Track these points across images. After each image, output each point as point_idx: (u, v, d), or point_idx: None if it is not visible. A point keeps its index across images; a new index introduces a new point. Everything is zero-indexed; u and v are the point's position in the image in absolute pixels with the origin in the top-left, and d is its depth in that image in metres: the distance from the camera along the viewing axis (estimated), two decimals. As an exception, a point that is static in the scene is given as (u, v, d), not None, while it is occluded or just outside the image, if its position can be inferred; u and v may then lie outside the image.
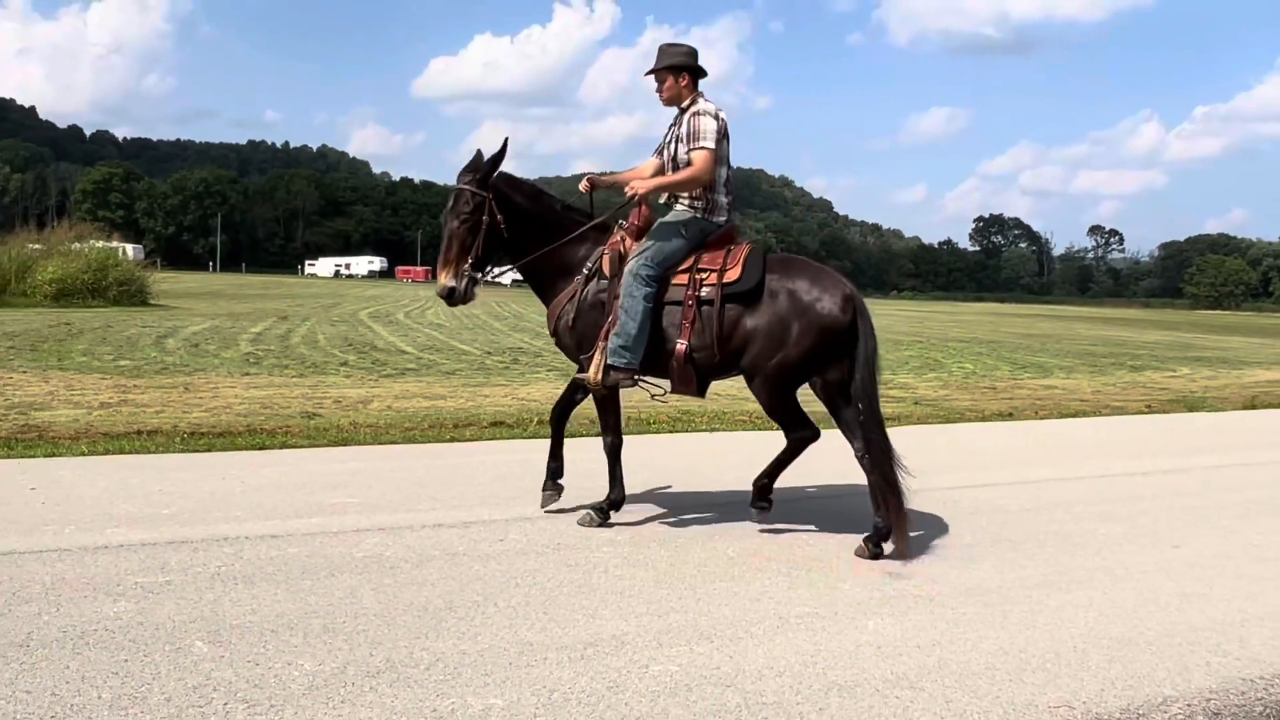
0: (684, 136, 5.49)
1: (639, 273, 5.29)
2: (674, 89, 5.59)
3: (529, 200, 5.60)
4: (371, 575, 4.47)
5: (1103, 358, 23.05)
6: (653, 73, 5.62)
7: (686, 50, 5.63)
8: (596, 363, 5.33)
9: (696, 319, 5.33)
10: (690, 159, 5.43)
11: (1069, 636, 4.11)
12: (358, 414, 9.35)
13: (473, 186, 5.38)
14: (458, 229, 5.38)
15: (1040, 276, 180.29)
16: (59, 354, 13.96)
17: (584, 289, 5.50)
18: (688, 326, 5.33)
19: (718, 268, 5.35)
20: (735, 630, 4.01)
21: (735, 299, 5.31)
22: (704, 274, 5.35)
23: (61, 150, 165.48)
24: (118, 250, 32.55)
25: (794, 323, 5.29)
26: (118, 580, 4.23)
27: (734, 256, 5.39)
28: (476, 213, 5.37)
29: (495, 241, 5.48)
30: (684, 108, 5.57)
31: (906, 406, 11.85)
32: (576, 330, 5.54)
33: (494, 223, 5.39)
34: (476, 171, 5.43)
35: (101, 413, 8.83)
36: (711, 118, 5.46)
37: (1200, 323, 63.93)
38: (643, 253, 5.37)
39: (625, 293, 5.29)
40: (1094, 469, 8.07)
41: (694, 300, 5.32)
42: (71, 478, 6.14)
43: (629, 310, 5.27)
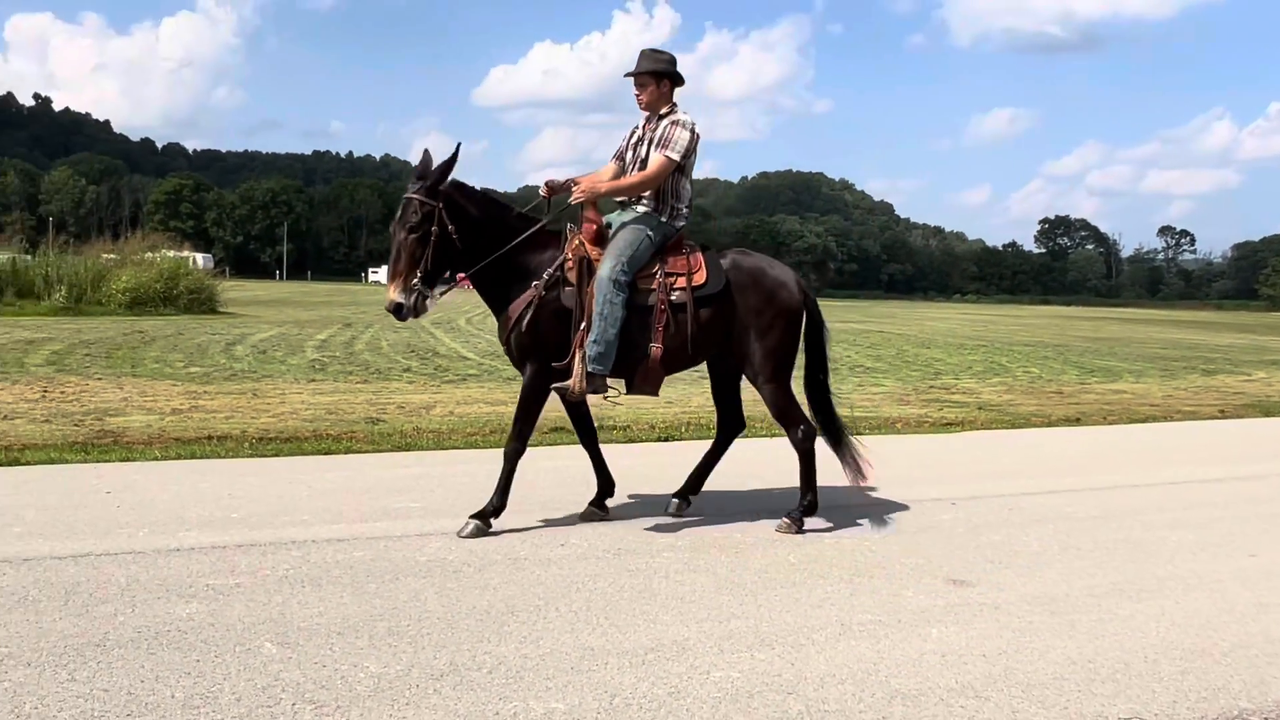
0: (657, 140, 5.56)
1: (617, 279, 5.29)
2: (654, 94, 5.64)
3: (480, 208, 5.44)
4: (435, 579, 4.53)
5: (1174, 361, 22.51)
6: (634, 76, 5.67)
7: (669, 58, 5.69)
8: (578, 371, 5.29)
9: (670, 323, 5.44)
10: (650, 161, 5.53)
11: (1140, 647, 4.03)
12: (420, 420, 9.47)
13: (421, 195, 5.17)
14: (406, 240, 5.16)
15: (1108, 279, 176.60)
16: (133, 361, 14.33)
17: (543, 296, 5.33)
18: (660, 330, 5.42)
19: (685, 272, 5.51)
20: (797, 637, 3.99)
21: (705, 301, 5.50)
22: (673, 278, 5.48)
23: (135, 163, 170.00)
24: (188, 259, 33.34)
25: (763, 312, 5.59)
26: (190, 582, 4.34)
27: (695, 261, 5.57)
28: (426, 222, 5.17)
29: (447, 252, 5.27)
30: (662, 114, 5.65)
31: (970, 411, 11.68)
32: (533, 338, 5.36)
33: (445, 233, 5.20)
34: (425, 179, 5.21)
35: (173, 418, 9.05)
36: (688, 131, 5.55)
37: (1276, 325, 62.12)
38: (617, 258, 5.34)
39: (604, 299, 5.26)
40: (1165, 475, 7.89)
41: (666, 304, 5.42)
42: (145, 482, 6.30)
43: (608, 317, 5.27)
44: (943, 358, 21.25)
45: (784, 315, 5.67)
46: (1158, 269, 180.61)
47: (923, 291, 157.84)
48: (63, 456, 7.01)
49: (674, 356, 5.54)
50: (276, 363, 15.00)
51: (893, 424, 10.44)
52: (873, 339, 27.33)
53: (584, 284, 5.33)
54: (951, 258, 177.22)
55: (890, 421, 10.58)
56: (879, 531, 5.77)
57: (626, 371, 5.54)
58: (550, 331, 5.36)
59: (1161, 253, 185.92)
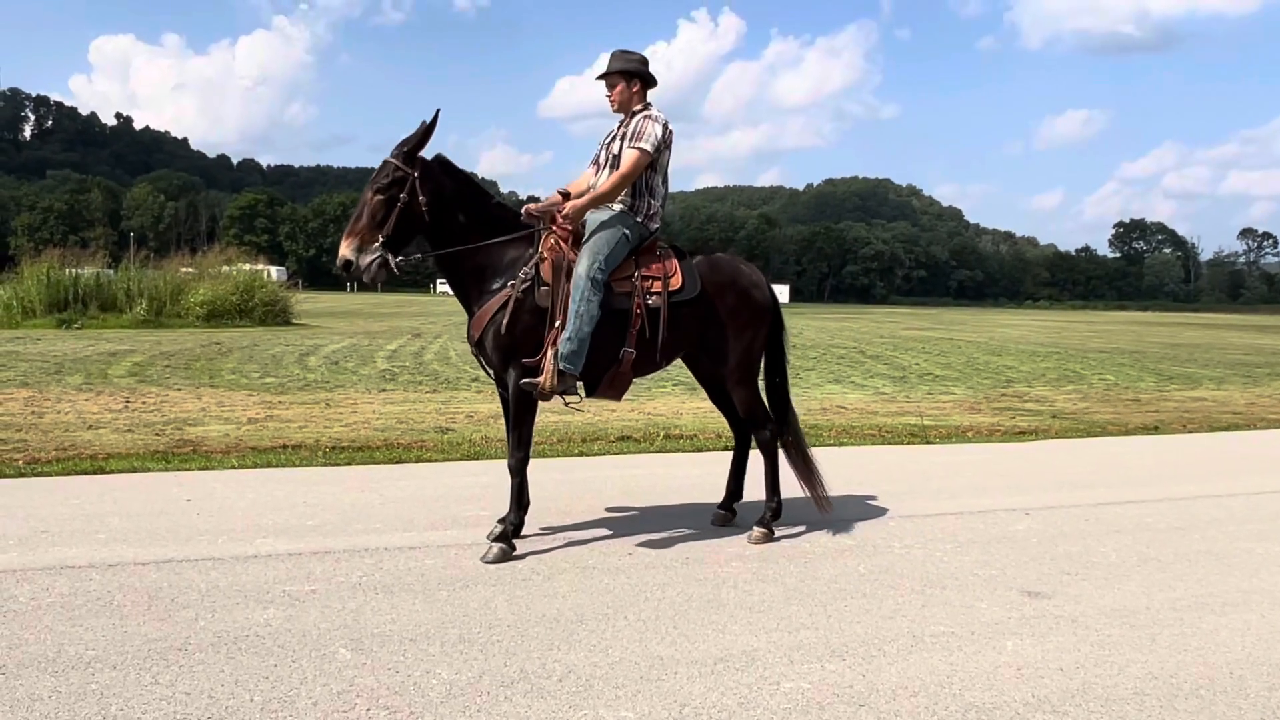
0: (630, 134, 5.45)
1: (594, 277, 5.17)
2: (625, 94, 5.54)
3: (458, 187, 5.31)
4: (505, 587, 4.57)
5: (1257, 367, 21.84)
6: (604, 77, 5.58)
7: (639, 58, 5.60)
8: (549, 369, 5.12)
9: (644, 328, 5.35)
10: (622, 159, 5.40)
11: (1224, 662, 3.91)
12: (489, 429, 9.56)
13: (398, 160, 5.10)
14: (371, 199, 5.07)
15: (1186, 283, 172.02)
16: (210, 372, 14.69)
17: (517, 297, 5.17)
18: (634, 334, 5.35)
19: (660, 276, 5.43)
20: (868, 648, 3.95)
21: (680, 306, 5.45)
22: (649, 281, 5.40)
23: (211, 179, 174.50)
24: (263, 272, 34.04)
25: (739, 314, 5.62)
26: (266, 588, 4.43)
27: (670, 265, 5.49)
28: (395, 187, 5.08)
29: (413, 223, 5.13)
30: (634, 112, 5.54)
31: (1044, 420, 11.46)
32: (511, 339, 5.20)
33: (414, 202, 5.08)
34: (404, 145, 5.14)
35: (250, 428, 9.25)
36: (659, 125, 5.43)
37: (1366, 329, 59.94)
38: (595, 256, 5.22)
39: (580, 297, 5.13)
40: (1248, 485, 7.65)
41: (641, 308, 5.34)
42: (223, 490, 6.45)
43: (583, 315, 5.13)
44: (1015, 365, 20.86)
45: (758, 316, 5.73)
46: (1239, 272, 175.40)
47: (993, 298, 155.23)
48: (145, 465, 7.21)
49: (644, 361, 5.47)
50: (348, 373, 15.26)
51: (964, 432, 10.28)
52: (942, 346, 26.95)
53: (559, 283, 5.19)
54: (1023, 263, 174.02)
55: (961, 430, 10.42)
56: (951, 542, 5.68)
57: (592, 375, 5.38)
58: (529, 332, 5.20)
59: (1242, 256, 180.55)
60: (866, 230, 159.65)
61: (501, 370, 5.34)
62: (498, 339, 5.20)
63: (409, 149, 5.12)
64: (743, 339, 5.66)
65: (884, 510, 6.42)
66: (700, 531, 5.73)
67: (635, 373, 5.52)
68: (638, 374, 5.57)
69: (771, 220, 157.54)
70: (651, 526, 5.80)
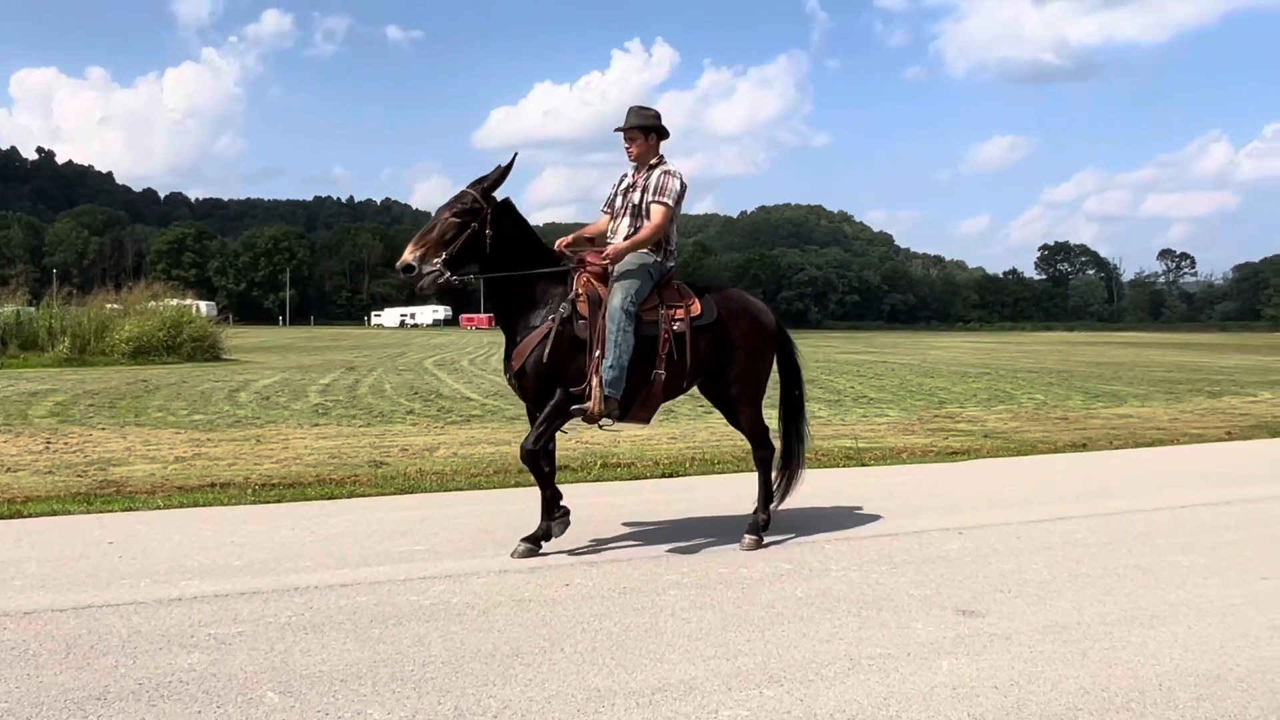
0: (650, 188, 6.03)
1: (627, 309, 5.70)
2: (643, 147, 6.12)
3: (517, 229, 5.85)
4: (439, 623, 4.49)
5: (1179, 384, 22.46)
6: (623, 131, 6.13)
7: (654, 113, 6.18)
8: (596, 395, 5.63)
9: (672, 351, 5.85)
10: (651, 211, 5.99)
11: (1154, 674, 3.97)
12: (424, 462, 9.44)
13: (477, 192, 5.65)
14: (447, 219, 5.59)
15: (1110, 303, 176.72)
16: (136, 410, 14.33)
17: (558, 330, 5.65)
18: (663, 358, 5.85)
19: (683, 304, 6.00)
20: (805, 673, 3.94)
21: (701, 331, 5.99)
22: (672, 310, 5.94)
23: (137, 213, 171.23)
24: (191, 308, 33.43)
25: (751, 339, 6.20)
26: (191, 632, 4.30)
27: (688, 295, 6.08)
28: (470, 215, 5.61)
29: (476, 249, 5.63)
30: (652, 164, 6.13)
31: (975, 439, 11.64)
32: (549, 369, 5.65)
33: (481, 233, 5.61)
34: (483, 182, 5.71)
35: (176, 466, 9.03)
36: (678, 180, 6.04)
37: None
38: (626, 291, 5.75)
39: (617, 328, 5.65)
40: (1173, 499, 7.83)
41: (669, 335, 5.86)
42: (147, 531, 6.27)
43: (621, 344, 5.65)
44: (947, 386, 21.20)
45: (769, 341, 6.35)
46: (1159, 292, 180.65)
47: (924, 320, 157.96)
48: (65, 508, 6.98)
49: (672, 383, 5.96)
50: (280, 408, 14.99)
51: (898, 454, 10.39)
52: (876, 369, 27.29)
53: (595, 316, 5.70)
54: (952, 286, 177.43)
55: (895, 451, 10.53)
56: (887, 563, 5.71)
57: (624, 399, 5.78)
58: (567, 361, 5.67)
59: (1162, 276, 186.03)
60: (800, 256, 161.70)
61: (539, 397, 5.79)
62: (538, 367, 5.68)
63: (487, 186, 5.70)
64: (753, 362, 6.26)
65: (821, 533, 6.44)
66: (638, 560, 5.69)
67: (667, 395, 6.05)
68: (667, 396, 6.08)
69: (707, 248, 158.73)
70: (589, 556, 5.76)
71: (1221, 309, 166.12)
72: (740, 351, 6.16)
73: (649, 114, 6.15)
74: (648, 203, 6.01)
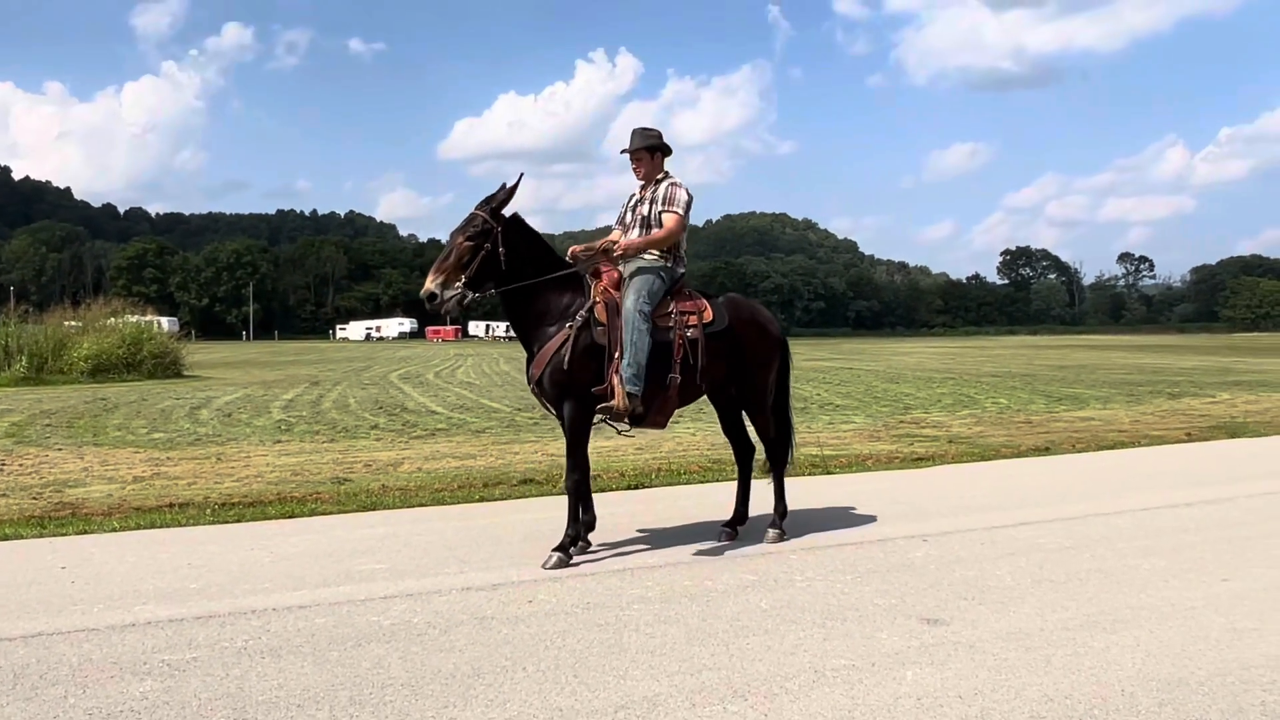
0: (659, 199, 6.31)
1: (642, 309, 5.94)
2: (649, 165, 6.42)
3: (529, 244, 6.05)
4: (399, 643, 4.42)
5: (1140, 386, 22.72)
6: (629, 152, 6.41)
7: (656, 133, 6.47)
8: (619, 392, 5.81)
9: (686, 355, 6.08)
10: (663, 220, 6.25)
11: (1116, 680, 3.98)
12: (388, 477, 9.35)
13: (486, 213, 5.85)
14: (461, 244, 5.80)
15: (1071, 307, 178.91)
16: (94, 430, 14.10)
17: (575, 336, 5.85)
18: (678, 362, 6.07)
19: (696, 310, 6.22)
20: (770, 686, 3.91)
21: (714, 336, 6.24)
22: (686, 316, 6.16)
23: (97, 229, 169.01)
24: (152, 324, 32.99)
25: (759, 346, 6.52)
26: (144, 659, 4.20)
27: (700, 302, 6.31)
28: (482, 237, 5.81)
29: (491, 268, 5.85)
30: (658, 180, 6.40)
31: (941, 445, 11.69)
32: (570, 373, 5.84)
33: (495, 252, 5.82)
34: (491, 202, 5.89)
35: (134, 487, 8.88)
36: (685, 191, 6.34)
37: (1238, 346, 63.01)
38: (639, 293, 5.98)
39: (633, 327, 5.88)
40: (1135, 502, 7.89)
41: (683, 339, 6.08)
42: (102, 555, 6.14)
43: (638, 343, 5.87)
44: (912, 392, 21.32)
45: (775, 349, 6.67)
46: (1119, 295, 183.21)
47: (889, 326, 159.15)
48: (17, 532, 6.83)
49: (687, 388, 6.20)
50: (242, 425, 14.81)
51: (864, 460, 10.41)
52: (841, 376, 27.42)
53: (613, 321, 5.94)
54: (917, 292, 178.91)
55: (861, 458, 10.55)
56: (851, 572, 5.70)
57: (643, 402, 5.97)
58: (585, 366, 5.87)
59: (1122, 279, 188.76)
60: (766, 264, 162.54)
61: (558, 402, 5.98)
62: (556, 374, 5.86)
63: (495, 206, 5.89)
64: (762, 369, 6.57)
65: (786, 543, 6.42)
66: (602, 574, 5.65)
67: (683, 400, 6.28)
68: (682, 401, 6.31)
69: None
70: (553, 571, 5.69)
71: (1180, 311, 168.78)
72: (750, 358, 6.45)
73: (652, 134, 6.44)
74: (658, 213, 6.29)
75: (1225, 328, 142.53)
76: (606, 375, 5.85)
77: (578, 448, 6.00)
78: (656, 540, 6.56)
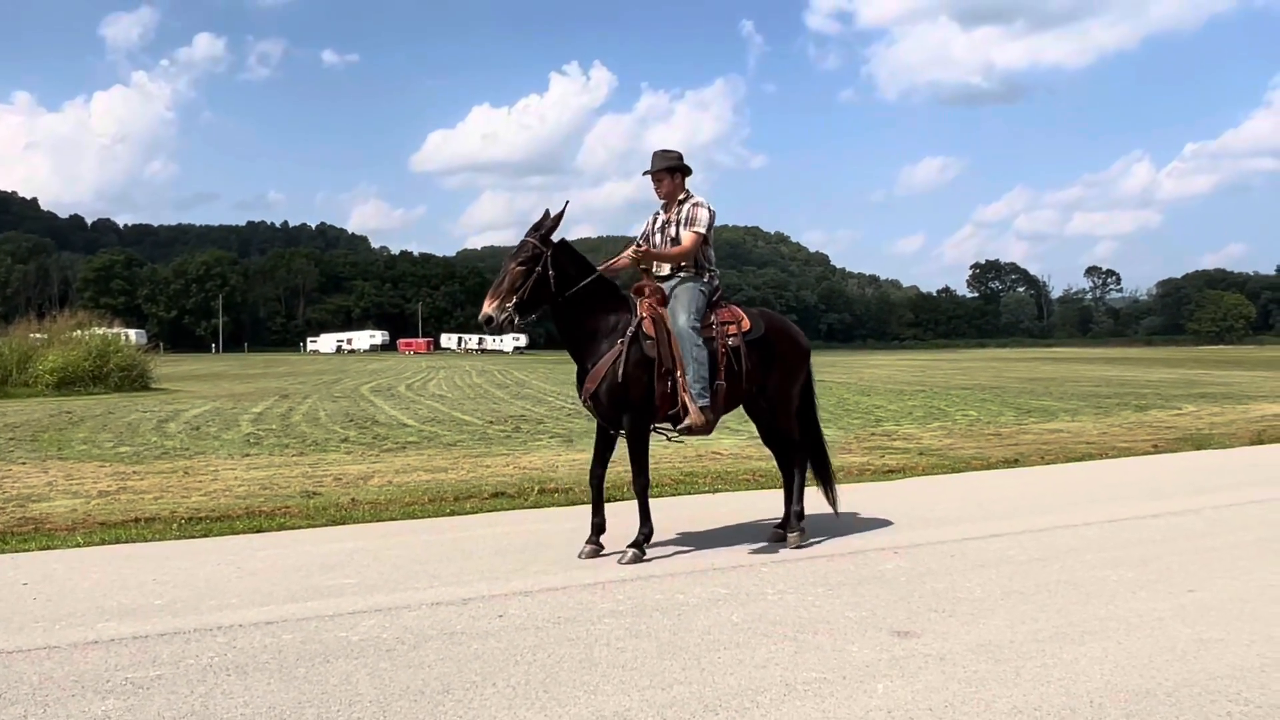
0: (683, 220, 6.62)
1: (694, 325, 6.33)
2: (670, 185, 6.69)
3: (578, 267, 6.40)
4: (367, 659, 4.37)
5: (1107, 398, 22.94)
6: (651, 174, 6.68)
7: (676, 155, 6.72)
8: (693, 409, 6.22)
9: (731, 363, 6.43)
10: (683, 238, 6.56)
11: (1084, 691, 4.00)
12: (358, 491, 9.27)
13: (536, 240, 6.20)
14: (514, 269, 6.14)
15: (1040, 320, 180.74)
16: (59, 443, 13.91)
17: (628, 352, 6.21)
18: (722, 369, 6.39)
19: (735, 320, 6.57)
20: (741, 700, 3.90)
21: (753, 345, 6.58)
22: (726, 326, 6.52)
23: (63, 240, 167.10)
24: (119, 336, 32.64)
25: (790, 355, 6.82)
26: (107, 677, 4.14)
27: (736, 312, 6.64)
28: (533, 261, 6.16)
29: (542, 291, 6.20)
30: (680, 199, 6.69)
31: (911, 457, 11.74)
32: (622, 388, 6.20)
33: (545, 275, 6.17)
34: (540, 229, 6.25)
35: (100, 501, 8.76)
36: (707, 210, 6.61)
37: (1203, 358, 63.83)
38: (688, 310, 6.35)
39: (690, 344, 6.25)
40: (1103, 513, 7.95)
41: (725, 349, 6.42)
42: (65, 571, 6.05)
43: (699, 359, 6.27)
44: (883, 404, 21.43)
45: (804, 359, 7.02)
46: (1087, 308, 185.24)
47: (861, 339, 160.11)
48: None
49: (732, 394, 6.52)
50: (210, 439, 14.67)
51: (835, 473, 10.41)
52: (814, 389, 27.51)
53: (661, 335, 6.28)
54: (888, 305, 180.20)
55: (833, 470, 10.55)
56: (823, 585, 5.71)
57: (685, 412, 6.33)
58: (638, 379, 6.22)
59: (1090, 292, 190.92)
60: (738, 277, 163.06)
61: (614, 414, 6.32)
62: (613, 389, 6.21)
63: (544, 232, 6.23)
64: (792, 376, 6.89)
65: (758, 556, 6.43)
66: (573, 588, 5.62)
67: (727, 406, 6.58)
68: (727, 408, 6.60)
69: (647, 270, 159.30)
70: (524, 585, 5.66)
71: (1147, 324, 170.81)
72: (782, 367, 6.77)
73: (672, 156, 6.69)
74: (680, 233, 6.61)
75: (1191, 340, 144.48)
76: (656, 388, 6.23)
77: (640, 455, 6.35)
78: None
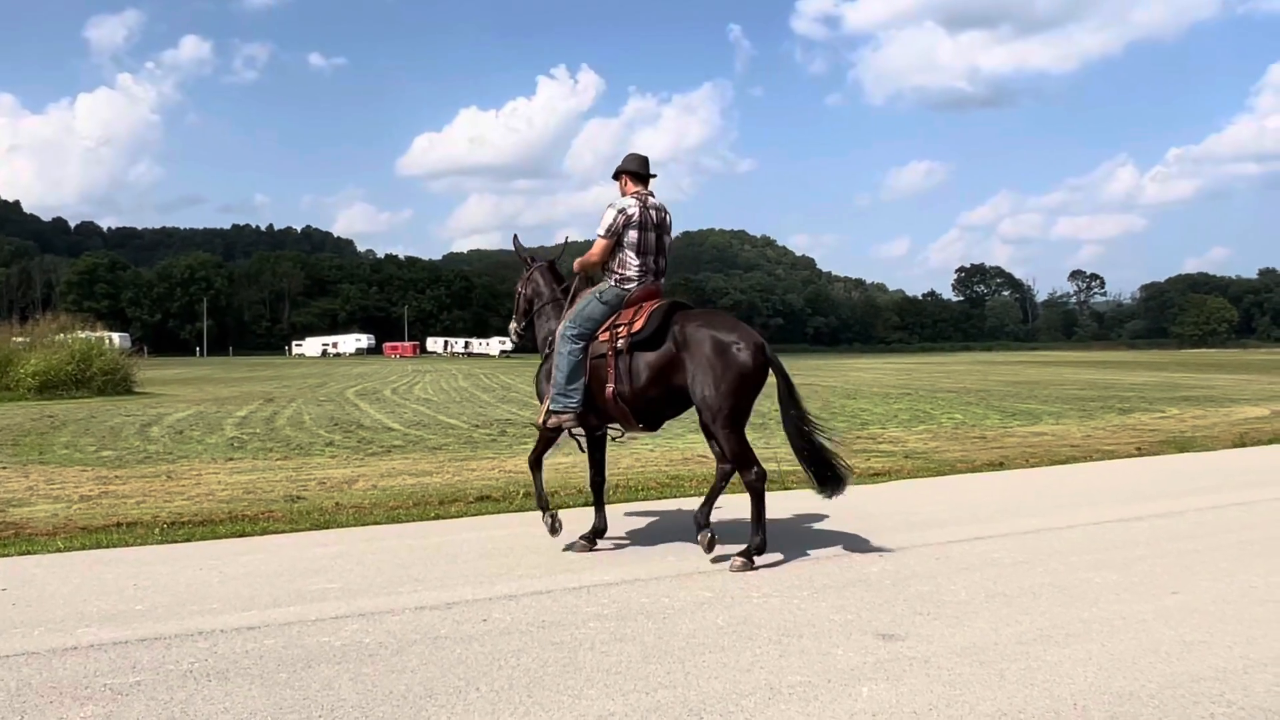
0: None
1: (564, 333, 6.54)
2: (620, 188, 6.85)
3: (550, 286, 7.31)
4: (350, 664, 4.34)
5: (1091, 401, 23.04)
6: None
7: (627, 156, 6.91)
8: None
9: (618, 365, 6.35)
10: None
11: (1068, 693, 4.00)
12: (342, 495, 9.23)
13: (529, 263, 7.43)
14: (516, 291, 7.58)
15: (1025, 323, 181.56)
16: (40, 447, 13.82)
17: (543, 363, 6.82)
18: (612, 372, 6.36)
19: (627, 322, 6.42)
20: (726, 704, 3.89)
21: (641, 345, 6.32)
22: (619, 328, 6.43)
23: (47, 243, 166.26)
24: (103, 340, 32.44)
25: (711, 360, 6.11)
26: (86, 683, 4.10)
27: (643, 312, 6.41)
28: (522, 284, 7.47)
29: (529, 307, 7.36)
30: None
31: (897, 460, 11.76)
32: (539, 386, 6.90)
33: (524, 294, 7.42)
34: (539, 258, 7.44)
35: (81, 506, 8.69)
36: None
37: (1186, 362, 64.20)
38: (569, 317, 6.60)
39: (556, 350, 6.54)
40: (1087, 516, 7.98)
41: (614, 351, 6.37)
42: (45, 575, 5.99)
43: (558, 364, 6.49)
44: (869, 407, 21.48)
45: (730, 368, 6.08)
46: (1071, 312, 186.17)
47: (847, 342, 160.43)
48: (-43, 553, 6.65)
49: (634, 395, 6.34)
50: (194, 442, 14.59)
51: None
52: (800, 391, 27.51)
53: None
54: (874, 309, 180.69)
55: (818, 474, 10.56)
56: (808, 588, 5.70)
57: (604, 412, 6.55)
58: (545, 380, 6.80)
59: (1074, 296, 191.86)
60: (725, 281, 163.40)
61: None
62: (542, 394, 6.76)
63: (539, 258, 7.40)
64: (716, 388, 6.09)
65: (743, 560, 6.40)
66: (558, 592, 5.60)
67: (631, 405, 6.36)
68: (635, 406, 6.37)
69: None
70: (508, 589, 5.64)
71: (1130, 327, 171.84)
72: (701, 375, 6.07)
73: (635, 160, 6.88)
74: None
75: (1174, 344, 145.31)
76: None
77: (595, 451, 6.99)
78: (613, 557, 6.53)
